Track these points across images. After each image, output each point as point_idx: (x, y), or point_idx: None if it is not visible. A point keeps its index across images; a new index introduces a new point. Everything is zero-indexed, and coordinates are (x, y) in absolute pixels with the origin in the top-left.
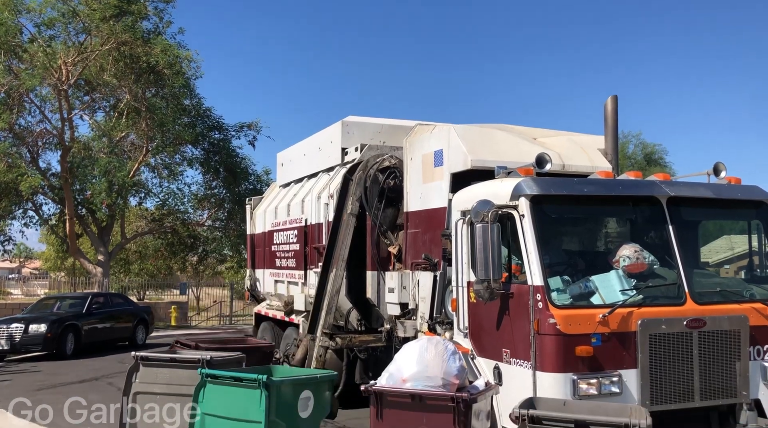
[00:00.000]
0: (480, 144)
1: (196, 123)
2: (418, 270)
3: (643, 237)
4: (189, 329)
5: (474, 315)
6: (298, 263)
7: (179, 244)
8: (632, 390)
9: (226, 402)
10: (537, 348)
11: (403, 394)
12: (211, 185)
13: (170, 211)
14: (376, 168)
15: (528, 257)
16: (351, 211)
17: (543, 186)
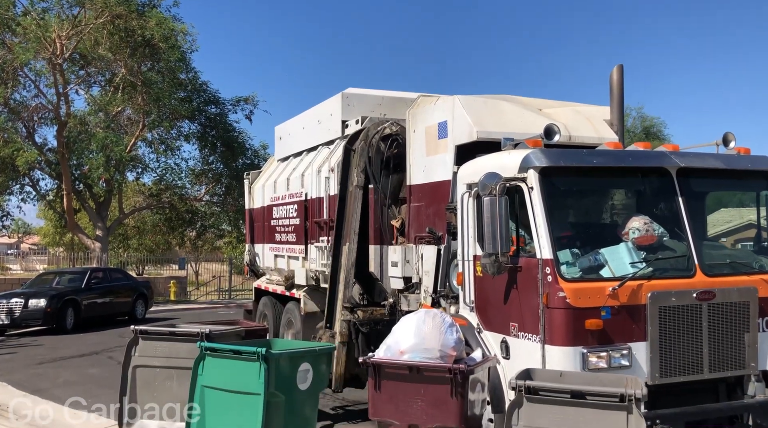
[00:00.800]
0: (485, 115)
1: (192, 97)
2: (421, 244)
3: (652, 208)
4: (188, 304)
5: (480, 289)
6: (298, 237)
7: (177, 219)
8: (641, 363)
9: (225, 375)
10: (546, 321)
11: (401, 366)
12: (209, 160)
13: (168, 186)
14: (378, 137)
15: (537, 230)
16: (357, 183)
17: (552, 157)
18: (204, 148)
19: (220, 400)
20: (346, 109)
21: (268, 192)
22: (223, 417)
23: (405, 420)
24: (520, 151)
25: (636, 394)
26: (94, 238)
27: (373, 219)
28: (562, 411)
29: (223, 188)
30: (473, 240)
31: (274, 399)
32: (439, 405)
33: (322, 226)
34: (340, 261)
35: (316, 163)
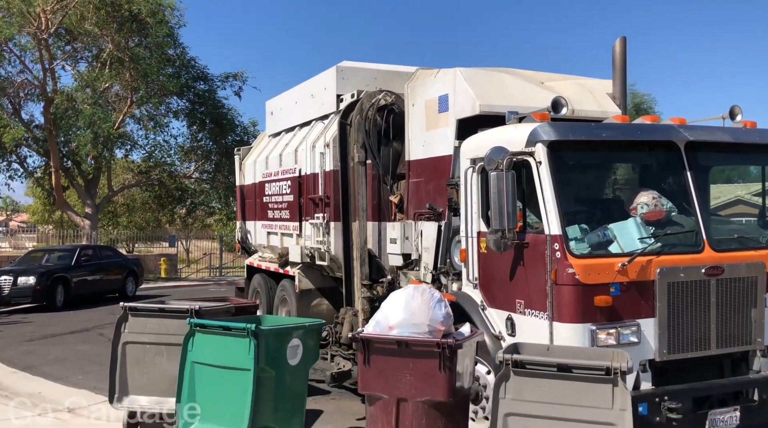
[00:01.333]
0: (488, 88)
1: (180, 73)
2: (421, 221)
3: (660, 183)
4: (179, 281)
5: (485, 265)
6: (292, 214)
7: (167, 197)
8: (649, 340)
9: (215, 351)
10: (554, 298)
11: (390, 341)
12: (197, 137)
13: (157, 163)
14: (373, 109)
15: (545, 206)
16: (358, 159)
17: (561, 131)
18: (193, 124)
19: (210, 376)
20: (341, 83)
21: (260, 168)
22: (213, 393)
23: (394, 393)
24: (527, 125)
25: (621, 367)
26: (83, 216)
27: (371, 196)
28: (549, 384)
29: (213, 165)
30: (477, 216)
31: (264, 374)
32: (427, 378)
33: (317, 203)
34: (351, 238)
35: (311, 138)
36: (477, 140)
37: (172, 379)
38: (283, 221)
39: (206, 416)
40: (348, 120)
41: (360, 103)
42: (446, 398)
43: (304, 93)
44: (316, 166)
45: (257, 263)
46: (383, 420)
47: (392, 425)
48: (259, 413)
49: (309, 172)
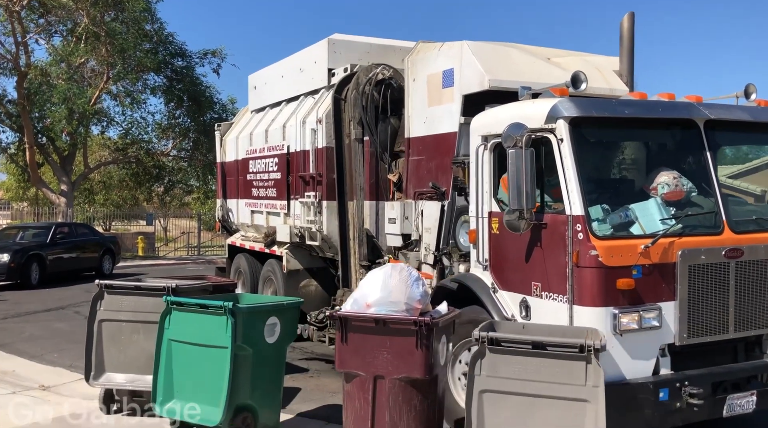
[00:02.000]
0: (496, 63)
1: (158, 49)
2: (422, 200)
3: (678, 162)
4: (157, 259)
5: (497, 247)
6: (279, 193)
7: (144, 174)
8: (669, 324)
9: (192, 329)
10: (575, 281)
11: (367, 319)
12: (175, 114)
13: (134, 140)
14: (371, 84)
15: (567, 185)
16: (355, 136)
17: (583, 107)
18: (170, 101)
19: (187, 353)
20: (333, 57)
21: (243, 144)
22: (190, 370)
23: (371, 371)
24: (547, 100)
25: (595, 345)
26: (58, 193)
27: (369, 174)
28: (524, 362)
29: (191, 143)
30: (489, 195)
31: (241, 352)
32: (404, 356)
33: (307, 181)
34: (347, 218)
35: (300, 113)
36: (489, 116)
37: (149, 357)
38: (270, 199)
39: (183, 393)
40: (342, 95)
41: (356, 77)
42: (423, 375)
43: (291, 66)
44: (307, 143)
45: (240, 242)
46: (360, 397)
47: (369, 402)
48: (236, 391)
49: (299, 149)
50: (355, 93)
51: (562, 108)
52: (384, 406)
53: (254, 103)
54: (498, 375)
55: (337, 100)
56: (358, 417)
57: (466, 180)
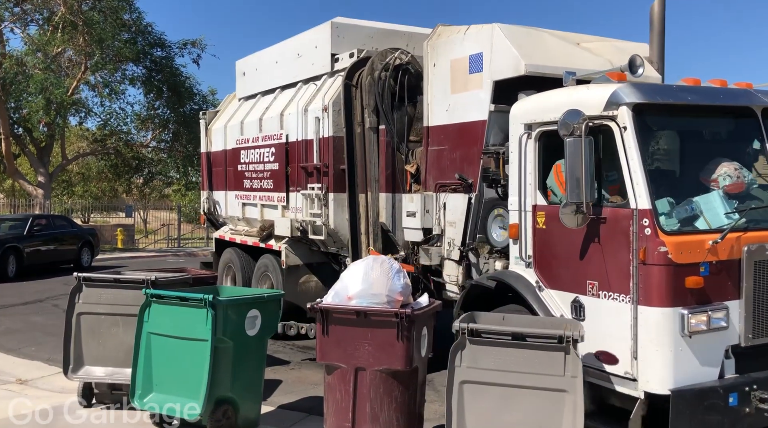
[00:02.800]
0: (530, 47)
1: (136, 39)
2: (444, 193)
3: (735, 152)
4: (136, 252)
5: (543, 242)
6: (277, 184)
7: (123, 166)
8: (735, 324)
9: (172, 322)
10: (641, 280)
11: (349, 311)
12: (155, 105)
13: (113, 131)
14: (389, 70)
15: (631, 177)
16: (370, 124)
17: (648, 93)
18: (149, 92)
19: (167, 347)
20: (336, 41)
21: (233, 134)
22: (170, 363)
23: (352, 363)
24: (604, 86)
25: (574, 336)
26: (35, 185)
27: (384, 165)
28: (504, 353)
29: (171, 134)
30: (533, 187)
31: (221, 345)
32: (385, 348)
33: (311, 172)
34: (359, 211)
35: (301, 101)
36: (533, 103)
37: (128, 350)
38: (265, 191)
39: (162, 387)
40: (354, 81)
41: (371, 62)
42: (404, 367)
43: (287, 52)
44: (310, 132)
45: (229, 236)
46: (341, 389)
47: (350, 393)
48: (216, 384)
49: (300, 139)
50: (370, 79)
51: (623, 94)
52: (365, 398)
53: (243, 90)
54: (478, 366)
55: (348, 86)
56: (339, 409)
57: (501, 171)
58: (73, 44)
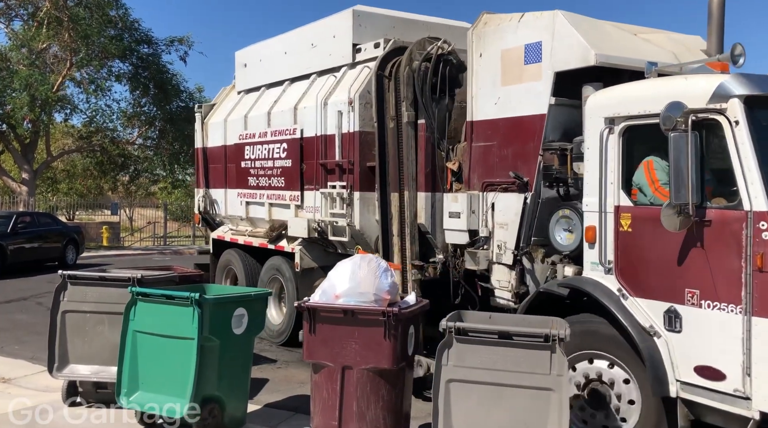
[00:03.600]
0: (596, 36)
1: (123, 36)
2: (493, 192)
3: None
4: (122, 250)
5: (628, 247)
6: (289, 182)
7: (109, 163)
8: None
9: (158, 320)
10: (756, 289)
11: (336, 310)
12: (141, 102)
13: (98, 128)
14: (430, 61)
15: (745, 176)
16: (408, 119)
17: (759, 84)
18: (136, 89)
19: (153, 345)
20: (358, 31)
21: (235, 128)
22: (156, 362)
23: (339, 361)
24: (706, 77)
25: (560, 334)
26: (20, 182)
27: (424, 162)
28: (491, 351)
29: (157, 131)
30: (616, 187)
31: (208, 343)
32: (372, 346)
33: (331, 170)
34: (390, 211)
35: (320, 94)
36: (616, 95)
37: (114, 348)
38: (275, 190)
39: (148, 385)
40: (386, 72)
41: (409, 52)
42: (391, 365)
43: (298, 41)
44: (330, 127)
45: (230, 237)
46: (328, 388)
47: (337, 392)
48: (202, 382)
49: (319, 134)
50: (408, 70)
51: (732, 85)
52: (352, 396)
53: (244, 82)
54: (465, 364)
55: (381, 78)
56: (326, 407)
57: (569, 169)
58: (59, 40)
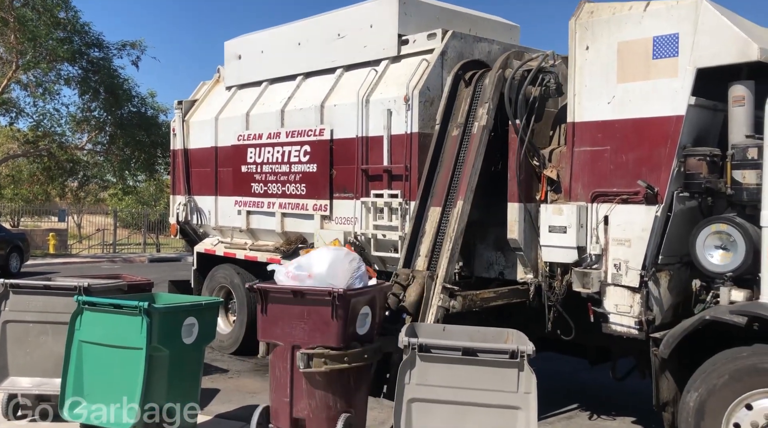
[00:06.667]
0: (748, 30)
1: (72, 39)
2: (607, 203)
3: None
4: (69, 257)
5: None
6: (313, 190)
7: (57, 169)
8: None
9: (105, 330)
10: None
11: (285, 290)
12: (91, 107)
13: (46, 132)
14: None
15: None
16: (485, 123)
17: None
18: (85, 93)
19: (99, 355)
20: (404, 20)
21: (231, 128)
22: (102, 373)
23: (288, 340)
24: None
25: (527, 350)
26: None
27: (516, 169)
28: (455, 369)
29: (107, 137)
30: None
31: (156, 353)
32: (320, 326)
33: (375, 176)
34: (424, 227)
35: (361, 90)
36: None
37: (57, 359)
38: (293, 198)
39: (94, 397)
40: (467, 75)
41: (505, 57)
42: (337, 344)
43: (318, 31)
44: (375, 128)
45: (223, 251)
46: (280, 366)
47: (288, 370)
48: (151, 392)
49: (359, 135)
50: (500, 73)
51: None
52: (301, 374)
53: (237, 76)
54: (428, 383)
55: (459, 78)
56: (279, 385)
57: (728, 178)
58: (4, 41)
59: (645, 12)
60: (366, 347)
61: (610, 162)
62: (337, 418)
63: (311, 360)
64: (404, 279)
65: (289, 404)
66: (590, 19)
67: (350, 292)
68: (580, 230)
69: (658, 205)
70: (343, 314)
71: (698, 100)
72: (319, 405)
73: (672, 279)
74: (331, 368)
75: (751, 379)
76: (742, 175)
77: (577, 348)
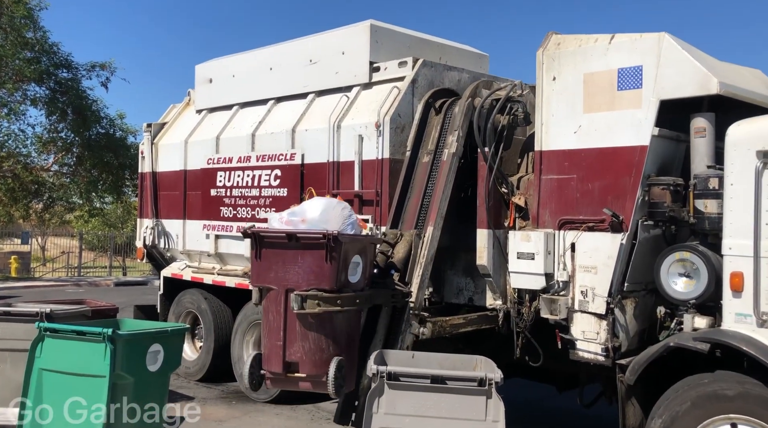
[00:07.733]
0: (708, 64)
1: (40, 59)
2: (573, 231)
3: None
4: (32, 281)
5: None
6: None
7: (21, 190)
8: None
9: (67, 357)
10: None
11: (279, 234)
12: (57, 127)
13: (10, 153)
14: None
15: None
16: (455, 151)
17: None
18: (53, 114)
19: (61, 384)
20: (375, 47)
21: (201, 151)
22: (64, 401)
23: (282, 284)
24: None
25: (496, 378)
26: None
27: (485, 196)
28: (423, 397)
29: (74, 158)
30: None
31: (120, 381)
32: (314, 269)
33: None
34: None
35: (332, 116)
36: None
37: (16, 388)
38: (264, 222)
39: (55, 426)
40: (437, 103)
41: (474, 86)
42: (331, 286)
43: (291, 57)
44: (347, 153)
45: (191, 275)
46: (273, 310)
47: (281, 314)
48: (114, 422)
49: (331, 160)
50: (470, 101)
51: None
52: (295, 317)
53: (208, 99)
54: (396, 412)
55: (429, 106)
56: (272, 329)
57: (691, 207)
58: None
59: (610, 44)
60: (358, 293)
61: (577, 190)
62: (330, 361)
63: (305, 302)
64: (392, 238)
65: (282, 347)
66: (557, 51)
67: (344, 235)
68: (548, 257)
69: (624, 232)
70: (337, 256)
71: (662, 130)
72: (312, 347)
73: (637, 306)
74: (324, 310)
75: (711, 406)
76: (704, 204)
77: (546, 374)
